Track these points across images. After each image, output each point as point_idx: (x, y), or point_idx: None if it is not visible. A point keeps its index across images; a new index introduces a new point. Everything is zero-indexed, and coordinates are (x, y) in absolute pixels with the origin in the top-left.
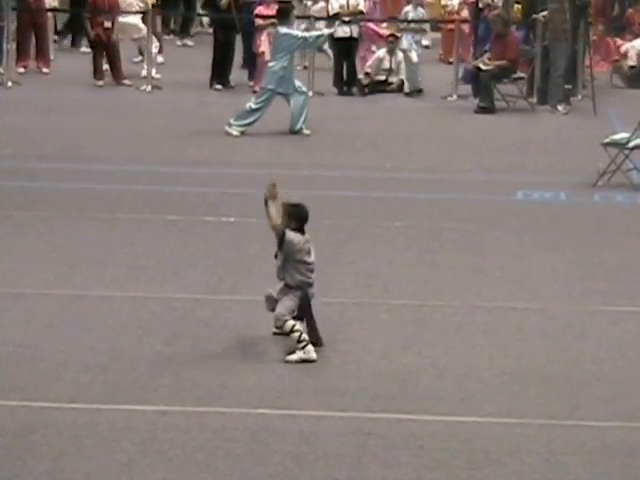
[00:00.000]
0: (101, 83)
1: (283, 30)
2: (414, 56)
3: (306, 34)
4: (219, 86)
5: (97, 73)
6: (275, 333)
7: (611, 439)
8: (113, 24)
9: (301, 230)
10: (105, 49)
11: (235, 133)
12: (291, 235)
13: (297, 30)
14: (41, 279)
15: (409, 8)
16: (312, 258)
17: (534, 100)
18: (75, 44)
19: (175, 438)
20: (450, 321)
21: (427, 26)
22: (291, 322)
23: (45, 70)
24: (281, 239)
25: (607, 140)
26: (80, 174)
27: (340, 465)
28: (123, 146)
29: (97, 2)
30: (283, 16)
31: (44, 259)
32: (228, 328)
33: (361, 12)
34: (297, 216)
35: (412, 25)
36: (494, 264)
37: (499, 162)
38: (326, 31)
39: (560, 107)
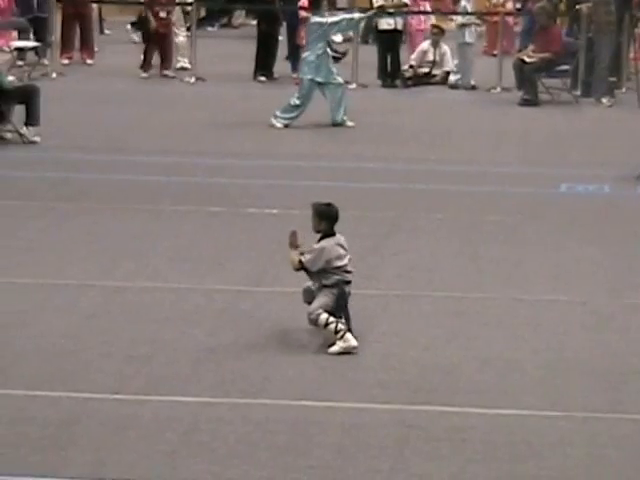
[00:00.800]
0: (146, 75)
1: (314, 19)
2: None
3: (336, 18)
4: (263, 78)
5: (145, 64)
6: None
7: None
8: (169, 14)
9: (331, 230)
10: (160, 40)
11: (279, 125)
12: (310, 261)
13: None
14: (84, 270)
15: (465, 2)
16: (345, 260)
17: (578, 93)
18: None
19: (218, 429)
20: (492, 314)
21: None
22: (324, 316)
23: (89, 61)
24: (306, 270)
25: None
26: (123, 165)
27: (382, 457)
28: (166, 138)
29: None
30: (314, 5)
31: (87, 250)
32: (270, 320)
33: (405, 4)
34: (327, 216)
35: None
36: (536, 257)
37: (542, 155)
38: (357, 15)
39: (604, 100)
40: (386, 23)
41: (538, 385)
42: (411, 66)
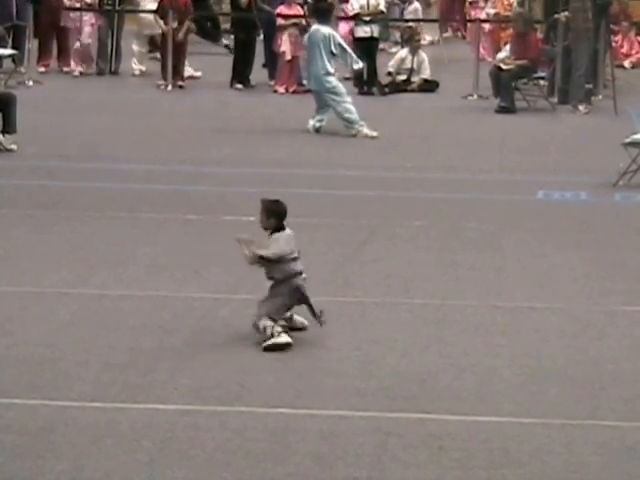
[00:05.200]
0: (165, 84)
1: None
2: None
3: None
4: (240, 85)
5: (164, 74)
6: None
7: (632, 439)
8: (180, 24)
9: (280, 224)
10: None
11: (374, 133)
12: (269, 253)
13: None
14: (61, 278)
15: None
16: (296, 253)
17: (555, 100)
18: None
19: (195, 437)
20: (470, 321)
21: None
22: (262, 322)
23: (66, 69)
24: (265, 261)
25: (628, 140)
26: (100, 173)
27: (360, 465)
28: (143, 145)
29: (164, 2)
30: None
31: (64, 258)
32: (248, 327)
33: (382, 12)
34: (276, 212)
35: None
36: (514, 264)
37: (519, 162)
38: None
39: (581, 107)
40: (362, 31)
41: (516, 392)
42: (389, 73)
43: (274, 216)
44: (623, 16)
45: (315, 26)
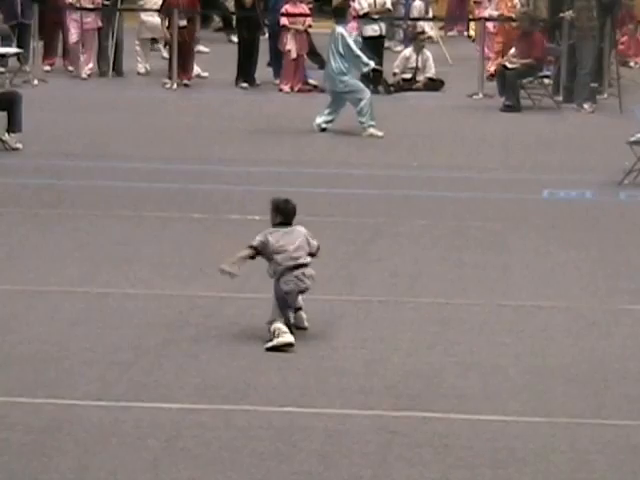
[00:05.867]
0: (170, 83)
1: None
2: None
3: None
4: (245, 84)
5: (170, 73)
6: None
7: (637, 438)
8: (189, 22)
9: (285, 222)
10: (179, 48)
11: (379, 133)
12: (256, 241)
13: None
14: (66, 277)
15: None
16: (291, 251)
17: (560, 98)
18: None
19: (200, 436)
20: (475, 319)
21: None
22: (271, 328)
23: (71, 68)
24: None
25: (633, 139)
26: (106, 172)
27: (365, 463)
28: (148, 144)
29: (171, 1)
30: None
31: (69, 257)
32: (254, 326)
33: (389, 10)
34: (282, 210)
35: None
36: (519, 263)
37: (525, 160)
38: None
39: (586, 105)
40: (371, 29)
41: (521, 391)
42: (394, 73)
43: (280, 214)
44: (628, 18)
45: (334, 26)
